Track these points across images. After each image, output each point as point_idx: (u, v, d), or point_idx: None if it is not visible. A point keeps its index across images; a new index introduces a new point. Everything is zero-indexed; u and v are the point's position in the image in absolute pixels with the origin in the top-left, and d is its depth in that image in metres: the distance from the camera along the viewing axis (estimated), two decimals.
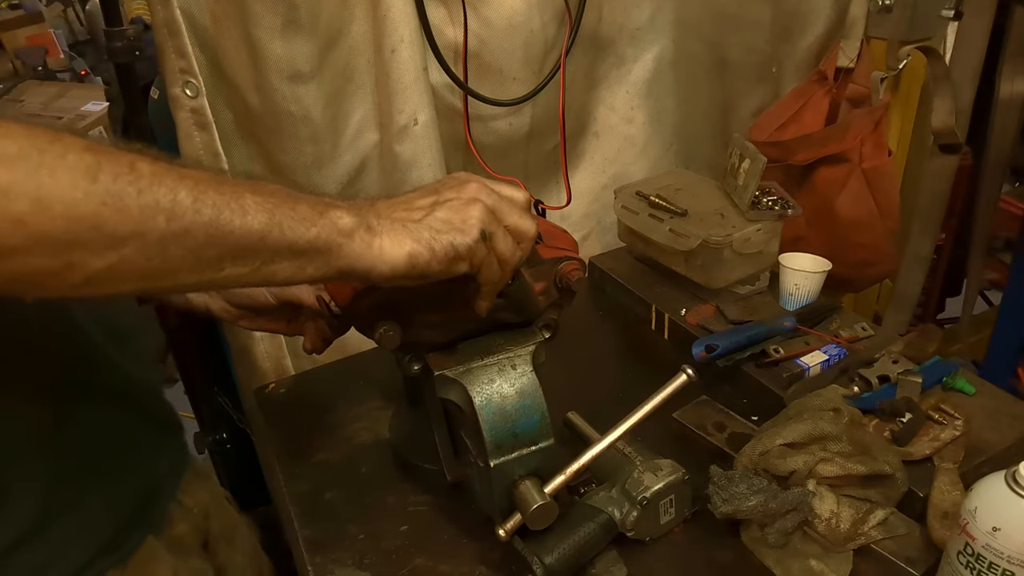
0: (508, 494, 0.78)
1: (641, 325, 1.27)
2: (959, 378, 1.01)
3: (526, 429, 0.77)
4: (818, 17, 1.34)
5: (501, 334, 0.83)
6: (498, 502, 0.79)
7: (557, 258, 0.83)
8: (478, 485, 0.82)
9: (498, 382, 0.78)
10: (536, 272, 0.81)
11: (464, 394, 0.78)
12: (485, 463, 0.77)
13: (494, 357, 0.79)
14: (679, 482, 0.84)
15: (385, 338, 0.77)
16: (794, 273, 1.19)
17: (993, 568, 0.68)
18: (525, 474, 0.78)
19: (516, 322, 0.83)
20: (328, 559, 0.85)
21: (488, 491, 0.79)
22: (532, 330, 0.84)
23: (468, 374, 0.78)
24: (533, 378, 0.79)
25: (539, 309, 0.83)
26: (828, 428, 0.86)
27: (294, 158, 1.21)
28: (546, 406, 0.78)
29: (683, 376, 0.81)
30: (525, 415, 0.78)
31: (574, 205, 1.49)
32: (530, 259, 0.80)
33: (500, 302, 0.79)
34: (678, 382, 0.81)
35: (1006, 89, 1.24)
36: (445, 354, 0.81)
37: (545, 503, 0.76)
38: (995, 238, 1.78)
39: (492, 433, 0.76)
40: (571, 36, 1.33)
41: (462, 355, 0.80)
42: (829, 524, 0.82)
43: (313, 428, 1.05)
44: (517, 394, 0.78)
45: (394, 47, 1.19)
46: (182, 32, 1.07)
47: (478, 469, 0.80)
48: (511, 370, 0.79)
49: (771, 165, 1.21)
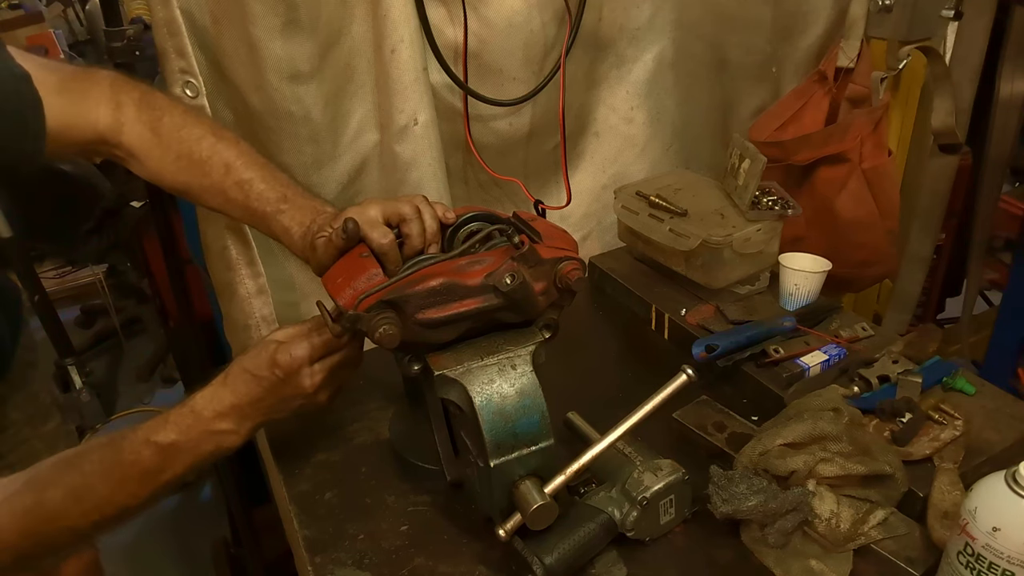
0: (508, 494, 0.78)
1: (641, 325, 1.27)
2: (959, 378, 1.01)
3: (526, 429, 0.78)
4: (818, 17, 1.34)
5: (501, 334, 0.83)
6: (498, 502, 0.79)
7: (557, 258, 0.83)
8: (478, 485, 0.82)
9: (498, 382, 0.78)
10: (536, 272, 0.81)
11: (464, 394, 0.78)
12: (485, 463, 0.77)
13: (494, 357, 0.80)
14: (679, 482, 0.84)
15: (385, 337, 0.77)
16: (794, 273, 1.19)
17: (993, 568, 0.68)
18: (525, 474, 0.78)
19: (516, 322, 0.83)
20: (328, 559, 0.85)
21: (488, 491, 0.79)
22: (532, 330, 0.84)
23: (468, 374, 0.78)
24: (533, 378, 0.79)
25: (539, 309, 0.83)
26: (828, 428, 0.86)
27: (294, 158, 1.21)
28: (546, 406, 0.79)
29: (683, 376, 0.81)
30: (525, 415, 0.78)
31: (574, 205, 1.49)
32: (530, 259, 0.80)
33: (500, 302, 0.79)
34: (678, 382, 0.81)
35: (1006, 89, 1.24)
36: (445, 354, 0.81)
37: (545, 503, 0.76)
38: (995, 238, 1.78)
39: (492, 433, 0.76)
40: (571, 36, 1.33)
41: (462, 355, 0.80)
42: (829, 524, 0.82)
43: (313, 428, 1.05)
44: (517, 394, 0.78)
45: (394, 47, 1.19)
46: (182, 32, 1.07)
47: (478, 469, 0.80)
48: (511, 370, 0.79)
49: (771, 165, 1.21)
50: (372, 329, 0.77)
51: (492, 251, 0.86)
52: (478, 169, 1.41)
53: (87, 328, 3.08)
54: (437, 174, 1.30)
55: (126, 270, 2.84)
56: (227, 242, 1.20)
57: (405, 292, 0.78)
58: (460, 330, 0.81)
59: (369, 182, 1.32)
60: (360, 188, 1.32)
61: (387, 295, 0.77)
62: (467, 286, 0.79)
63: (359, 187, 1.32)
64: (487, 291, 0.79)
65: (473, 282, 0.79)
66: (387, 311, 0.77)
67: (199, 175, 0.96)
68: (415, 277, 0.79)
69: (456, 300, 0.79)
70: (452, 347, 0.81)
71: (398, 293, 0.78)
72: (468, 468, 0.85)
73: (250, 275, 1.23)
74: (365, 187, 1.33)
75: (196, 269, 1.48)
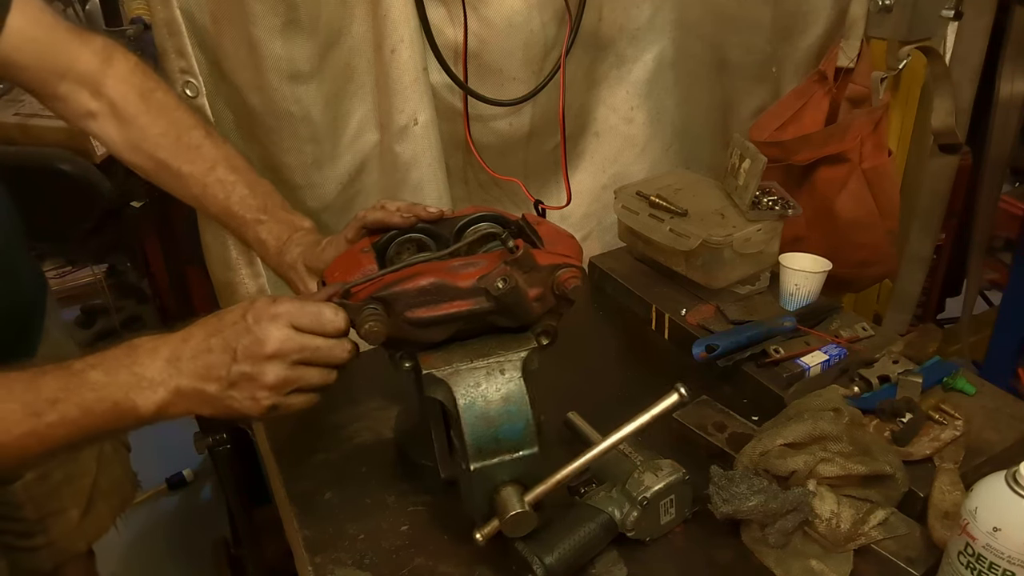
0: (489, 498, 0.78)
1: (641, 325, 1.26)
2: (959, 378, 1.01)
3: (509, 435, 0.77)
4: (818, 17, 1.34)
5: (495, 338, 0.82)
6: (479, 506, 0.79)
7: (555, 264, 0.82)
8: (462, 487, 0.82)
9: (484, 386, 0.78)
10: (531, 278, 0.80)
11: (449, 394, 0.78)
12: (466, 465, 0.77)
13: (483, 360, 0.79)
14: (679, 482, 0.84)
15: (370, 334, 0.77)
16: (794, 273, 1.19)
17: (993, 568, 0.68)
18: (507, 480, 0.78)
19: (511, 327, 0.83)
20: (328, 559, 0.85)
21: (469, 494, 0.79)
22: (527, 336, 0.83)
23: (455, 375, 0.78)
24: (520, 385, 0.78)
25: (533, 315, 0.82)
26: (828, 428, 0.86)
27: (294, 158, 1.21)
28: (532, 414, 0.78)
29: (675, 395, 0.79)
30: (508, 421, 0.77)
31: (574, 205, 1.49)
32: (524, 264, 0.79)
33: (491, 306, 0.79)
34: (669, 401, 0.79)
35: (1006, 89, 1.24)
36: (436, 354, 0.81)
37: (522, 511, 0.76)
38: (995, 238, 1.78)
39: (473, 436, 0.76)
40: (571, 36, 1.33)
41: (452, 356, 0.80)
42: (829, 524, 0.82)
43: (313, 428, 1.05)
44: (502, 400, 0.77)
45: (394, 47, 1.19)
46: (182, 32, 1.07)
47: (460, 471, 0.80)
48: (499, 375, 0.78)
49: (771, 165, 1.21)
50: (360, 323, 0.77)
51: (488, 254, 0.85)
52: (478, 169, 1.41)
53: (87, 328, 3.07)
54: (437, 174, 1.30)
55: (126, 270, 2.84)
56: (227, 242, 1.21)
57: (394, 289, 0.77)
58: (451, 331, 0.81)
59: (369, 182, 1.32)
60: (360, 188, 1.32)
61: (376, 291, 0.77)
62: (458, 287, 0.79)
63: (359, 187, 1.32)
64: (478, 294, 0.79)
65: (465, 284, 0.79)
66: (375, 306, 0.77)
67: (182, 159, 0.93)
68: (406, 274, 0.79)
69: (447, 301, 0.79)
70: (444, 347, 0.81)
71: (387, 289, 0.77)
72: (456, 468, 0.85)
73: (250, 275, 1.23)
74: (365, 187, 1.33)
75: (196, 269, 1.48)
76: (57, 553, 1.13)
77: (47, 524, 1.10)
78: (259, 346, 0.70)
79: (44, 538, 1.11)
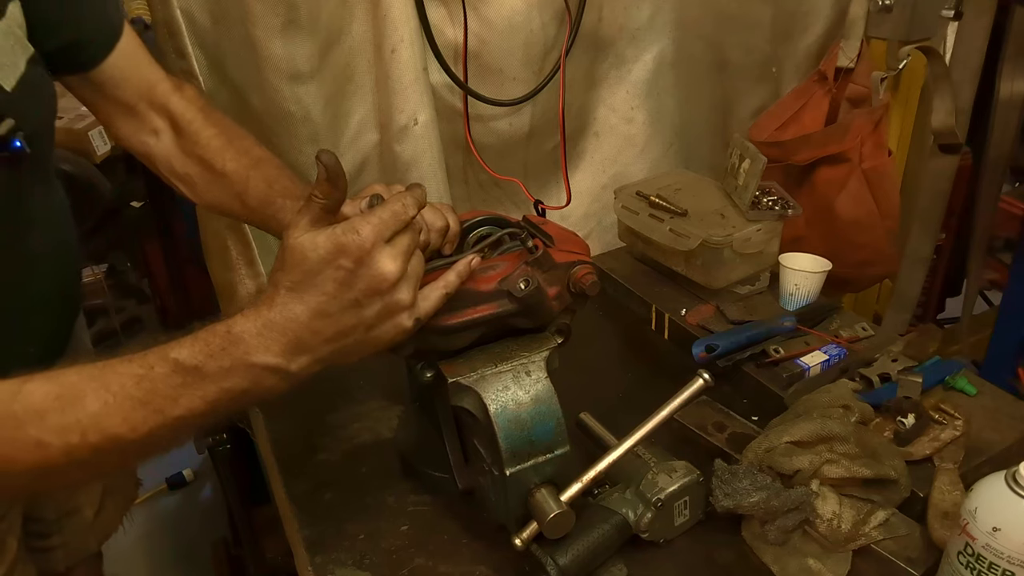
0: (524, 502, 0.77)
1: (641, 325, 1.26)
2: (960, 378, 1.01)
3: (542, 436, 0.76)
4: (818, 17, 1.34)
5: (514, 340, 0.81)
6: (513, 511, 0.78)
7: (570, 262, 0.81)
8: (492, 494, 0.80)
9: (513, 389, 0.77)
10: (549, 277, 0.80)
11: (479, 402, 0.76)
12: (500, 472, 0.76)
13: (508, 364, 0.78)
14: (694, 484, 0.83)
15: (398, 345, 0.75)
16: (794, 273, 1.19)
17: (993, 568, 0.68)
18: (541, 482, 0.77)
19: (529, 327, 0.82)
20: (328, 559, 0.85)
21: (503, 500, 0.78)
22: (545, 335, 0.82)
23: (482, 381, 0.77)
24: (548, 384, 0.78)
25: (552, 314, 0.82)
26: (836, 428, 0.85)
27: (294, 158, 1.21)
28: (561, 412, 0.77)
29: (700, 381, 0.79)
30: (540, 422, 0.76)
31: (574, 205, 1.49)
32: (544, 264, 0.79)
33: (514, 308, 0.78)
34: (695, 387, 0.79)
35: (1006, 89, 1.24)
36: (458, 361, 0.79)
37: (562, 511, 0.75)
38: (995, 238, 1.78)
39: (508, 441, 0.75)
40: (571, 36, 1.33)
41: (475, 362, 0.78)
42: (830, 525, 0.82)
43: (313, 428, 1.05)
44: (532, 401, 0.77)
45: (394, 47, 1.19)
46: (182, 32, 1.07)
47: (492, 478, 0.78)
48: (525, 376, 0.77)
49: (771, 165, 1.21)
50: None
51: (504, 256, 0.85)
52: (478, 169, 1.41)
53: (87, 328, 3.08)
54: (437, 174, 1.30)
55: (126, 270, 2.84)
56: (227, 242, 1.21)
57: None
58: (473, 336, 0.79)
59: (369, 182, 1.32)
60: (360, 188, 1.31)
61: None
62: (480, 292, 0.77)
63: (359, 187, 1.32)
64: (501, 296, 0.78)
65: (487, 287, 0.78)
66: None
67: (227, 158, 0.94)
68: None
69: (469, 306, 0.77)
70: (465, 354, 0.80)
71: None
72: (480, 476, 0.83)
73: (250, 275, 1.23)
74: (365, 187, 1.32)
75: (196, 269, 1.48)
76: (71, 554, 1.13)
77: (63, 524, 1.10)
78: (379, 281, 0.65)
79: (59, 538, 1.10)
